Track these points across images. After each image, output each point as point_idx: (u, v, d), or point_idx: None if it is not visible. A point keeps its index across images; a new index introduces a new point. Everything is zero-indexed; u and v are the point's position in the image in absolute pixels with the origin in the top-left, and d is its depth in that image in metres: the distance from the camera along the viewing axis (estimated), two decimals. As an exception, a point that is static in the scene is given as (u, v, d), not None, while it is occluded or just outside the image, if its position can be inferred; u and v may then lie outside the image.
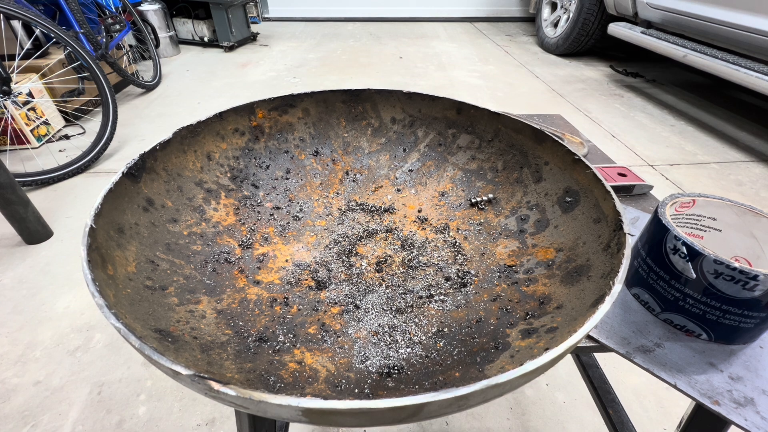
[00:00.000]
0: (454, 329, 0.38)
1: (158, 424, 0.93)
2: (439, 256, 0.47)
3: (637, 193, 0.65)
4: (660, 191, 1.71)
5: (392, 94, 0.55)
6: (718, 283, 0.37)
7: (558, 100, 2.47)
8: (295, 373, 0.32)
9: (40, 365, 1.04)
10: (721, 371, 0.38)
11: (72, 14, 2.09)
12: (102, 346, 1.09)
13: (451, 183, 0.54)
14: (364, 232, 0.50)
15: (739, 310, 0.37)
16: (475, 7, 4.55)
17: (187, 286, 0.38)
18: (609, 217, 0.37)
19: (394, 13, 4.55)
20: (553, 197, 0.46)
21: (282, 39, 3.81)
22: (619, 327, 0.42)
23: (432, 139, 0.56)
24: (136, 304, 0.32)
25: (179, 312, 0.35)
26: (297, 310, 0.39)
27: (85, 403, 0.96)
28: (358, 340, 0.37)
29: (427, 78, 2.88)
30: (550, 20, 3.55)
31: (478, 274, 0.44)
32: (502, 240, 0.47)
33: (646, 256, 0.43)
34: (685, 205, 0.46)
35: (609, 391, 0.79)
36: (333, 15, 4.52)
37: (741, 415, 0.34)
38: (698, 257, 0.37)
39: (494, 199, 0.51)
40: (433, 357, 0.35)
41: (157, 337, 0.29)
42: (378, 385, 0.32)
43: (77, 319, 1.16)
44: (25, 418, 0.93)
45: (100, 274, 0.30)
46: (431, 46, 3.66)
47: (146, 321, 0.31)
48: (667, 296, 0.41)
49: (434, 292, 0.42)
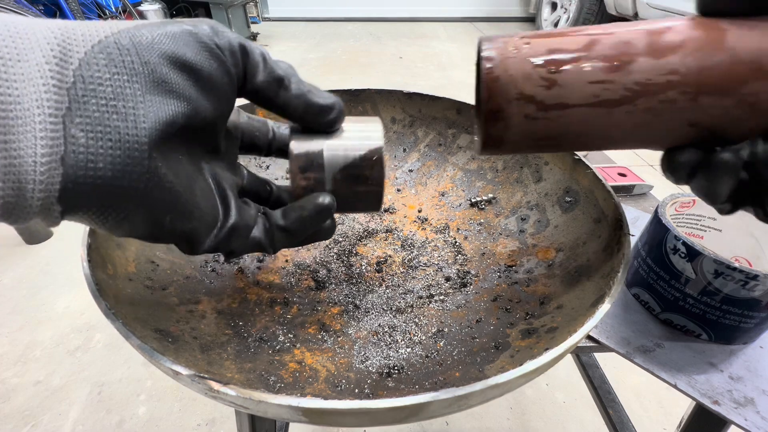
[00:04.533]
0: (454, 329, 0.38)
1: (158, 424, 0.93)
2: (439, 256, 0.47)
3: (637, 193, 0.65)
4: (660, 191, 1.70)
5: (392, 94, 0.55)
6: (718, 282, 0.37)
7: (558, 100, 2.46)
8: (295, 373, 0.33)
9: (40, 365, 1.04)
10: (721, 371, 0.38)
11: (72, 14, 2.09)
12: (102, 346, 1.09)
13: (451, 183, 0.54)
14: (364, 232, 0.50)
15: (739, 310, 0.37)
16: (475, 7, 4.55)
17: (187, 286, 0.38)
18: (609, 217, 0.37)
19: (394, 13, 4.55)
20: (553, 197, 0.46)
21: (282, 39, 3.81)
22: (619, 327, 0.42)
23: (432, 139, 0.56)
24: (136, 304, 0.32)
25: (179, 312, 0.35)
26: (297, 310, 0.39)
27: (85, 403, 0.96)
28: (358, 340, 0.37)
29: (427, 78, 2.88)
30: (550, 20, 3.55)
31: (478, 274, 0.44)
32: (502, 240, 0.47)
33: (646, 256, 0.43)
34: (685, 205, 0.46)
35: (609, 391, 0.79)
36: (333, 15, 4.52)
37: (741, 415, 0.34)
38: (698, 257, 0.37)
39: (494, 199, 0.51)
40: (433, 357, 0.35)
41: (157, 337, 0.29)
42: (378, 385, 0.32)
43: (77, 319, 1.16)
44: (25, 418, 0.93)
45: (100, 274, 0.30)
46: (431, 46, 3.67)
47: (146, 321, 0.31)
48: (667, 296, 0.41)
49: (434, 292, 0.42)
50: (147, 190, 0.20)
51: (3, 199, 0.17)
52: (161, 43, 0.20)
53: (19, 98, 0.17)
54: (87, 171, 0.19)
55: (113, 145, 0.19)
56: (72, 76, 0.18)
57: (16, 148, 0.17)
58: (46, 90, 0.18)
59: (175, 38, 0.21)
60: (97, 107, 0.19)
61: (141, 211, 0.21)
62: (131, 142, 0.19)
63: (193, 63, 0.21)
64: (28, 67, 0.17)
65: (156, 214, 0.22)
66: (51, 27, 0.19)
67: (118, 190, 0.20)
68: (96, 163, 0.19)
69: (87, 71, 0.18)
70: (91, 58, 0.19)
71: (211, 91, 0.22)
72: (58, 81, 0.18)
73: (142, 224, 0.22)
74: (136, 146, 0.19)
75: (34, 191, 0.18)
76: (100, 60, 0.19)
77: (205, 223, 0.25)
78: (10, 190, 0.17)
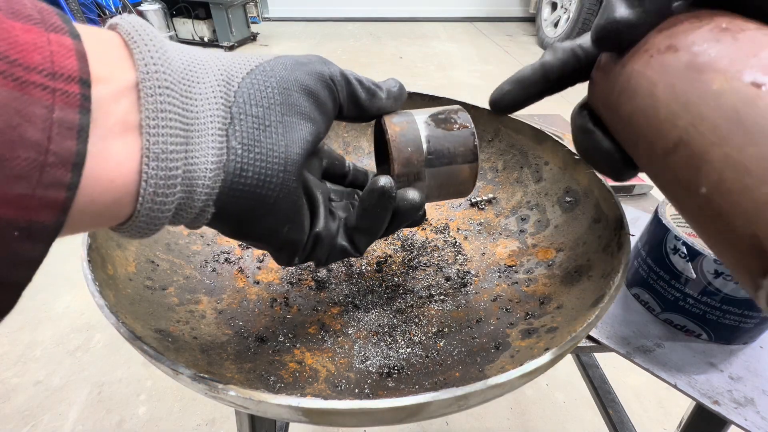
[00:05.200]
0: (454, 329, 0.38)
1: (158, 424, 0.93)
2: (439, 256, 0.47)
3: (637, 193, 0.65)
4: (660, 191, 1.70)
5: (392, 94, 0.55)
6: (718, 282, 0.37)
7: (558, 100, 2.46)
8: (295, 373, 0.33)
9: (40, 365, 1.04)
10: (721, 371, 0.38)
11: (72, 14, 2.10)
12: (102, 346, 1.09)
13: (451, 183, 0.54)
14: (364, 232, 0.50)
15: (739, 310, 0.37)
16: (475, 7, 4.55)
17: (187, 286, 0.38)
18: (609, 217, 0.37)
19: (394, 13, 4.55)
20: (553, 197, 0.46)
21: (282, 39, 3.81)
22: (619, 327, 0.42)
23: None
24: (136, 304, 0.32)
25: (179, 312, 0.35)
26: (297, 310, 0.39)
27: (85, 403, 0.96)
28: (358, 340, 0.37)
29: (427, 78, 2.88)
30: (550, 20, 3.55)
31: (478, 274, 0.44)
32: (502, 240, 0.47)
33: (647, 256, 0.43)
34: (685, 205, 0.46)
35: (609, 391, 0.79)
36: (333, 15, 4.52)
37: (741, 414, 0.34)
38: (698, 257, 0.37)
39: (494, 199, 0.51)
40: (433, 357, 0.35)
41: (157, 337, 0.29)
42: (378, 385, 0.32)
43: (77, 319, 1.16)
44: (25, 418, 0.93)
45: (100, 274, 0.30)
46: (431, 46, 3.66)
47: (146, 321, 0.31)
48: (668, 296, 0.41)
49: (434, 292, 0.42)
50: (279, 200, 0.23)
51: (179, 200, 0.20)
52: (294, 72, 0.24)
53: (198, 114, 0.20)
54: (240, 178, 0.21)
55: (260, 158, 0.22)
56: (234, 96, 0.21)
57: (194, 156, 0.20)
58: (217, 108, 0.21)
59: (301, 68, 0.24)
60: (250, 124, 0.22)
61: (269, 219, 0.24)
62: (273, 155, 0.22)
63: (315, 90, 0.25)
64: (205, 88, 0.20)
65: (280, 222, 0.24)
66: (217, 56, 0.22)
67: (257, 197, 0.22)
68: (246, 172, 0.21)
69: (246, 92, 0.22)
70: (247, 83, 0.22)
71: (324, 113, 0.25)
72: (225, 100, 0.21)
73: (265, 231, 0.24)
74: (276, 159, 0.22)
75: (200, 194, 0.21)
76: (254, 84, 0.22)
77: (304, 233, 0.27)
78: (184, 192, 0.20)
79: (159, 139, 0.18)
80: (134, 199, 0.19)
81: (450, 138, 0.29)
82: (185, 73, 0.20)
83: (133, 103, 0.18)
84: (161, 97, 0.18)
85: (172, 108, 0.19)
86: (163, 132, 0.18)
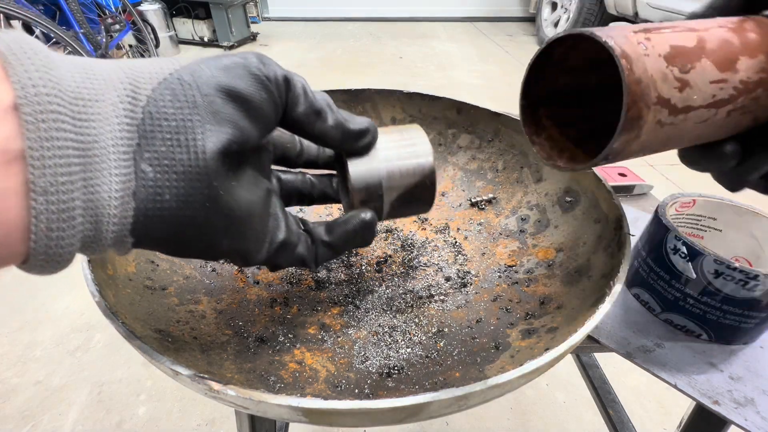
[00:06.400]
0: (454, 329, 0.38)
1: (158, 424, 0.93)
2: (439, 256, 0.47)
3: (637, 193, 0.65)
4: (660, 191, 1.70)
5: (392, 94, 0.55)
6: (719, 282, 0.37)
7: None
8: (295, 373, 0.33)
9: (40, 365, 1.04)
10: (722, 371, 0.38)
11: (72, 14, 2.09)
12: (102, 346, 1.09)
13: (451, 183, 0.54)
14: (364, 232, 0.50)
15: (739, 310, 0.37)
16: (475, 7, 4.55)
17: (187, 286, 0.38)
18: (609, 217, 0.37)
19: (394, 13, 4.55)
20: (553, 197, 0.46)
21: (282, 39, 3.81)
22: (619, 327, 0.42)
23: (432, 139, 0.56)
24: (136, 304, 0.32)
25: (179, 312, 0.35)
26: (297, 310, 0.39)
27: (85, 403, 0.96)
28: (358, 340, 0.37)
29: (427, 78, 2.88)
30: (551, 20, 3.55)
31: (478, 274, 0.44)
32: (502, 240, 0.47)
33: (647, 256, 0.43)
34: (686, 205, 0.46)
35: (609, 391, 0.79)
36: (333, 15, 4.52)
37: (741, 415, 0.34)
38: (698, 257, 0.37)
39: (494, 199, 0.51)
40: (433, 357, 0.35)
41: (157, 337, 0.29)
42: (378, 385, 0.32)
43: (77, 319, 1.16)
44: (25, 418, 0.93)
45: (100, 274, 0.30)
46: (431, 46, 3.66)
47: (146, 321, 0.31)
48: (668, 296, 0.41)
49: (434, 292, 0.42)
50: (207, 218, 0.22)
51: (83, 234, 0.18)
52: (218, 76, 0.21)
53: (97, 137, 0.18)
54: (155, 204, 0.20)
55: (177, 177, 0.20)
56: (141, 112, 0.19)
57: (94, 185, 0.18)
58: (120, 129, 0.19)
59: (229, 71, 0.22)
60: (163, 141, 0.20)
61: (202, 237, 0.22)
62: (193, 173, 0.20)
63: (246, 94, 0.22)
64: (105, 107, 0.18)
65: (215, 238, 0.23)
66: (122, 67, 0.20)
67: (182, 220, 0.21)
68: (163, 195, 0.20)
69: (154, 107, 0.19)
70: (157, 95, 0.20)
71: (258, 118, 0.23)
72: (130, 119, 0.19)
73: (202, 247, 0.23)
74: (197, 177, 0.20)
75: (109, 225, 0.19)
76: (165, 96, 0.20)
77: (258, 242, 0.26)
78: (89, 224, 0.18)
79: (46, 171, 0.16)
80: (26, 237, 0.17)
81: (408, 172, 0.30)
82: (79, 91, 0.18)
83: (14, 129, 0.16)
84: (46, 124, 0.16)
85: (61, 134, 0.17)
86: (50, 163, 0.16)
